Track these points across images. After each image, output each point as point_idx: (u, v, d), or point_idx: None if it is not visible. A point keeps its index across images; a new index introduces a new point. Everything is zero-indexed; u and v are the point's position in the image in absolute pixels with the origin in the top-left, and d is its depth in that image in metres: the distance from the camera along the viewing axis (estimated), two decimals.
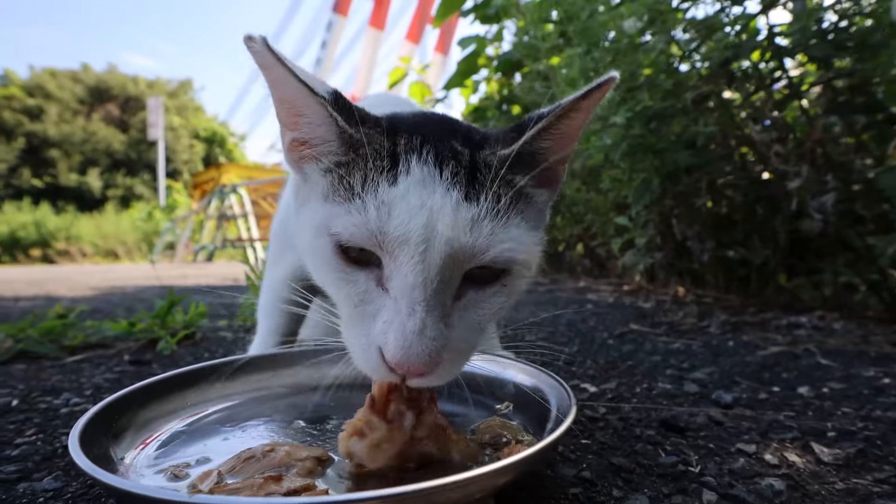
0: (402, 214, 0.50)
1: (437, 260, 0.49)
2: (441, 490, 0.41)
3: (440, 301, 0.50)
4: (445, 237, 0.49)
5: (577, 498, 0.60)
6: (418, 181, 0.51)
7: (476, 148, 0.57)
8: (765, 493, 0.61)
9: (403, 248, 0.49)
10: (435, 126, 0.59)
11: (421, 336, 0.48)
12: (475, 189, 0.52)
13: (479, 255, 0.51)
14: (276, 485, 0.46)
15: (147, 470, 0.53)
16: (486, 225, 0.51)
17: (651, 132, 1.83)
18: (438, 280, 0.49)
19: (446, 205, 0.50)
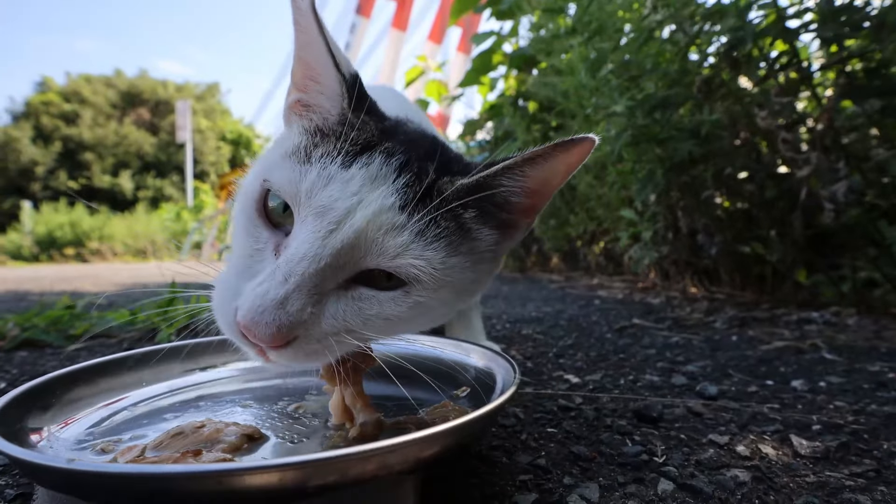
0: (335, 192, 0.50)
1: (336, 244, 0.48)
2: (349, 458, 0.39)
3: (318, 282, 0.48)
4: (357, 225, 0.49)
5: (526, 485, 0.57)
6: (369, 176, 0.51)
7: (442, 173, 0.55)
8: (727, 484, 0.57)
9: (317, 219, 0.49)
10: (425, 145, 0.58)
11: (278, 307, 0.46)
12: (415, 206, 0.52)
13: (380, 257, 0.50)
14: (194, 459, 0.45)
15: (75, 444, 0.52)
16: (405, 236, 0.50)
17: (655, 121, 1.77)
18: (328, 262, 0.48)
19: (378, 202, 0.50)
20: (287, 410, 0.64)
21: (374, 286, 0.52)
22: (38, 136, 20.87)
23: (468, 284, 0.57)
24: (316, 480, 0.39)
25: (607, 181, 2.55)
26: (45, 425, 0.55)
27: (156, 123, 23.04)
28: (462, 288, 0.56)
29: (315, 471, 0.38)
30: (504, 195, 0.56)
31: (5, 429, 0.45)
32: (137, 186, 21.55)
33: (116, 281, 4.61)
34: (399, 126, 0.60)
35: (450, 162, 0.58)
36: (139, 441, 0.53)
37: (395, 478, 0.44)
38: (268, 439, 0.55)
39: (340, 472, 0.40)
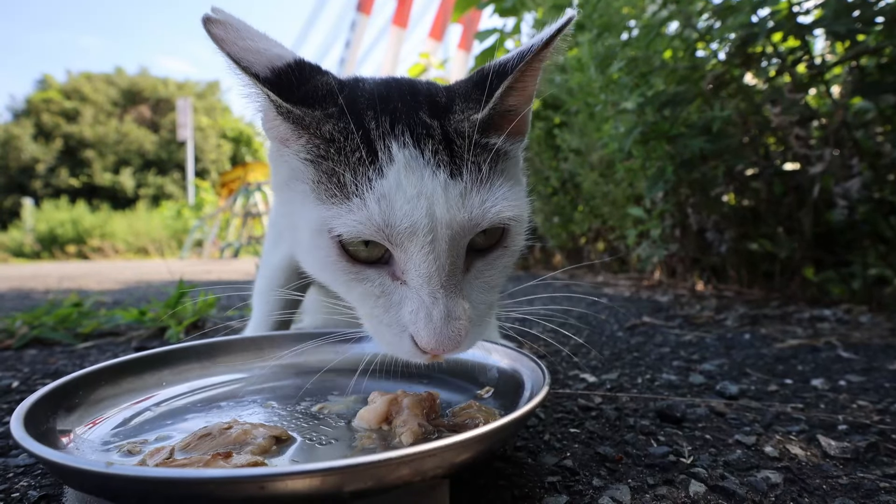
0: (404, 206, 0.50)
1: (444, 246, 0.51)
2: (387, 464, 0.38)
3: (455, 280, 0.52)
4: (445, 221, 0.50)
5: (555, 486, 0.57)
6: (404, 167, 0.51)
7: (444, 114, 0.55)
8: (759, 486, 0.56)
9: (412, 239, 0.50)
10: (400, 97, 0.57)
11: (448, 321, 0.50)
12: (456, 163, 0.52)
13: (476, 226, 0.52)
14: (224, 461, 0.45)
15: (101, 446, 0.52)
16: (474, 196, 0.52)
17: (664, 118, 1.76)
18: (450, 263, 0.51)
19: (437, 188, 0.51)
20: (311, 411, 0.63)
21: (482, 253, 0.56)
22: (39, 133, 20.85)
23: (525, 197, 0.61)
24: (354, 485, 0.38)
25: (614, 179, 2.54)
26: (72, 426, 0.54)
27: (157, 121, 23.02)
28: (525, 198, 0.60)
29: (354, 475, 0.37)
30: (511, 107, 0.57)
31: (34, 430, 0.45)
32: (138, 184, 21.54)
33: (120, 279, 4.60)
34: (360, 92, 0.57)
35: (433, 98, 0.57)
36: (165, 442, 0.53)
37: (430, 482, 0.43)
38: (295, 441, 0.54)
39: (378, 477, 0.39)
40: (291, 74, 0.54)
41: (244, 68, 0.51)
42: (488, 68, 0.56)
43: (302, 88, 0.54)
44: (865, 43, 1.53)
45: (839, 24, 1.43)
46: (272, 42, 0.57)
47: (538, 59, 0.54)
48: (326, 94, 0.55)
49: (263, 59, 0.53)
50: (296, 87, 0.54)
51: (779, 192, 1.88)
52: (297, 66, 0.55)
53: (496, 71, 0.55)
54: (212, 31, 0.51)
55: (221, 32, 0.52)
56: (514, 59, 0.54)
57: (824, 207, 1.76)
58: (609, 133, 2.03)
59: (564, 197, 3.31)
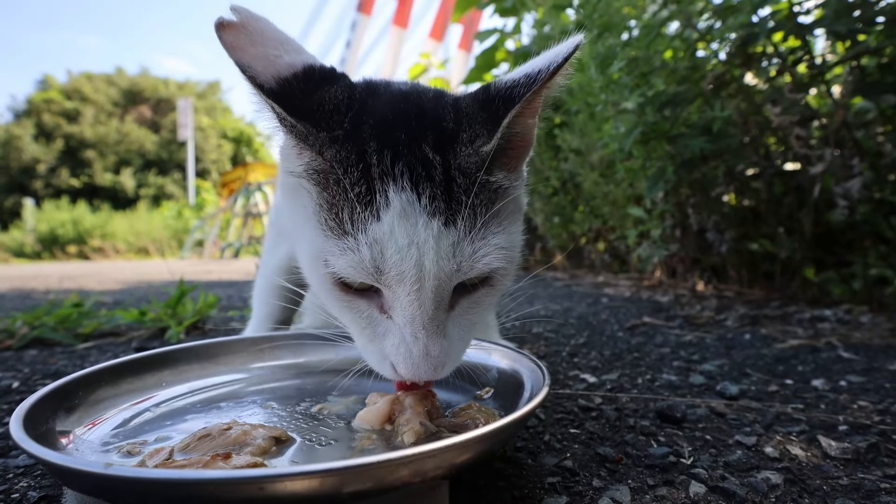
0: (394, 255, 0.51)
1: (429, 294, 0.52)
2: (386, 465, 0.38)
3: (437, 320, 0.54)
4: (433, 273, 0.51)
5: (555, 487, 0.57)
6: (399, 214, 0.51)
7: (450, 146, 0.54)
8: (759, 486, 0.56)
9: (400, 285, 0.52)
10: (404, 123, 0.54)
11: (426, 357, 0.53)
12: (452, 209, 0.52)
13: (464, 275, 0.53)
14: (224, 462, 0.44)
15: (100, 447, 0.52)
16: (466, 246, 0.53)
17: (665, 118, 1.76)
18: (433, 307, 0.53)
19: (429, 238, 0.51)
20: (311, 412, 0.63)
21: (467, 292, 0.57)
22: (40, 133, 20.88)
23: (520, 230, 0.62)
24: (353, 486, 0.38)
25: (614, 179, 2.54)
26: (71, 427, 0.54)
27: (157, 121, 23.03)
28: (519, 236, 0.61)
29: (354, 477, 0.37)
30: (517, 134, 0.57)
31: (34, 431, 0.45)
32: (139, 184, 21.56)
33: (121, 279, 4.61)
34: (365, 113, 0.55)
35: (440, 123, 0.55)
36: (164, 443, 0.53)
37: (430, 483, 0.43)
38: (294, 442, 0.54)
39: (377, 478, 0.39)
40: (296, 84, 0.52)
41: (250, 77, 0.50)
42: (495, 91, 0.54)
43: (307, 100, 0.53)
44: (866, 43, 1.53)
45: (840, 23, 1.43)
46: (291, 47, 0.54)
47: (548, 87, 0.53)
48: (333, 111, 0.53)
49: (272, 67, 0.52)
50: (300, 99, 0.52)
51: (779, 192, 1.88)
52: (305, 74, 0.53)
53: (503, 97, 0.53)
54: (223, 38, 0.50)
55: (233, 39, 0.51)
56: (521, 84, 0.52)
57: (825, 207, 1.76)
58: (609, 133, 2.03)
59: (565, 197, 3.30)
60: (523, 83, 0.52)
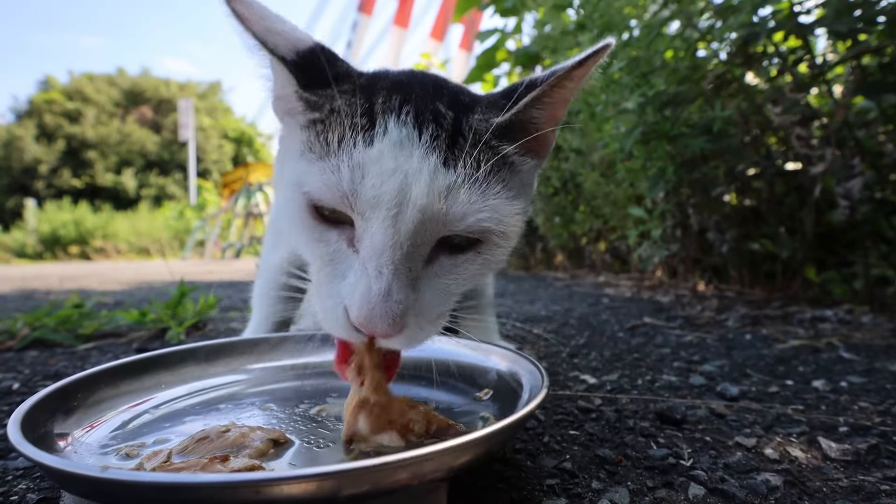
0: (375, 178, 0.48)
1: (408, 225, 0.48)
2: (384, 468, 0.38)
3: (409, 265, 0.49)
4: (419, 203, 0.48)
5: (554, 489, 0.57)
6: (395, 143, 0.49)
7: (463, 111, 0.54)
8: (759, 488, 0.56)
9: (375, 210, 0.48)
10: (420, 85, 0.56)
11: (386, 299, 0.47)
12: (454, 155, 0.50)
13: (454, 223, 0.50)
14: (222, 465, 0.44)
15: (99, 449, 0.52)
16: (462, 193, 0.49)
17: (665, 118, 1.76)
18: (409, 244, 0.48)
19: (423, 170, 0.48)
20: (309, 413, 0.63)
21: (450, 253, 0.53)
22: (42, 134, 20.92)
23: (523, 214, 0.57)
24: (350, 489, 0.38)
25: (615, 179, 2.54)
26: (70, 430, 0.54)
27: (158, 122, 23.06)
28: (520, 219, 0.57)
29: (351, 480, 0.37)
30: (534, 121, 0.55)
31: (32, 433, 0.45)
32: (140, 185, 21.59)
33: (122, 279, 4.61)
34: (381, 77, 0.57)
35: (457, 95, 0.56)
36: (163, 445, 0.53)
37: (428, 486, 0.43)
38: (293, 444, 0.54)
39: (375, 481, 0.39)
40: (320, 57, 0.54)
41: (270, 48, 0.52)
42: (520, 82, 0.55)
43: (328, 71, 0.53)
44: (867, 42, 1.53)
45: (840, 23, 1.42)
46: (290, 25, 0.56)
47: (569, 79, 0.52)
48: (345, 76, 0.55)
49: (286, 41, 0.53)
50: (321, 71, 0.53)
51: (780, 192, 1.87)
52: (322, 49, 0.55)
53: (527, 84, 0.54)
54: (236, 9, 0.51)
55: (245, 11, 0.51)
56: (546, 74, 0.53)
57: (826, 207, 1.75)
58: (610, 133, 2.02)
59: (565, 197, 3.30)
60: (548, 73, 0.53)
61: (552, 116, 0.56)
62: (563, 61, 0.54)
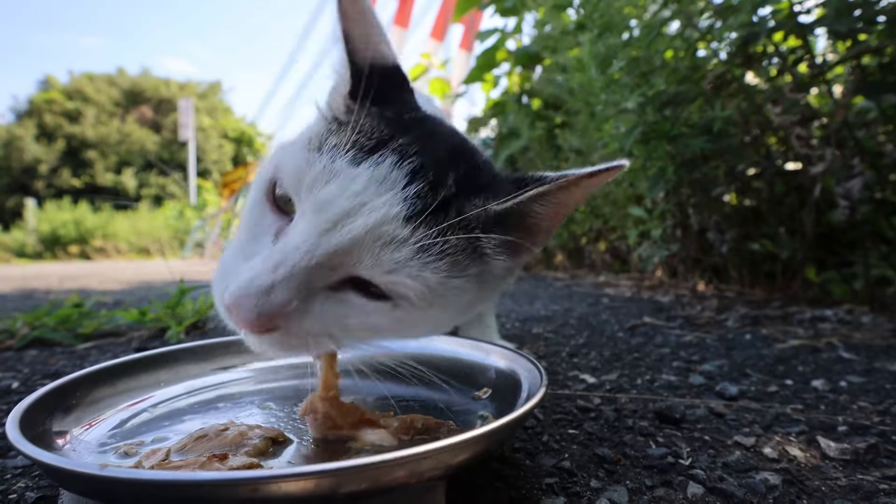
0: (337, 189, 0.47)
1: (331, 245, 0.46)
2: (382, 466, 0.38)
3: (307, 279, 0.47)
4: (355, 232, 0.46)
5: (552, 488, 0.57)
6: (378, 177, 0.48)
7: (467, 192, 0.51)
8: (757, 487, 0.56)
9: (315, 214, 0.46)
10: (449, 148, 0.54)
11: (264, 293, 0.45)
12: (424, 219, 0.47)
13: (375, 273, 0.47)
14: (220, 463, 0.44)
15: (97, 447, 0.52)
16: (404, 251, 0.46)
17: (665, 118, 1.76)
18: (318, 262, 0.46)
19: (381, 211, 0.46)
20: None
21: (364, 293, 0.49)
22: (42, 134, 20.92)
23: (469, 305, 0.54)
24: (348, 487, 0.38)
25: (615, 179, 2.54)
26: (68, 428, 0.54)
27: (158, 122, 23.06)
28: (460, 307, 0.53)
29: (349, 478, 0.37)
30: (533, 216, 0.52)
31: (30, 432, 0.45)
32: (140, 184, 21.60)
33: (122, 279, 4.61)
34: (424, 121, 0.55)
35: (476, 172, 0.54)
36: (161, 444, 0.53)
37: (426, 484, 0.43)
38: (291, 442, 0.54)
39: (373, 479, 0.39)
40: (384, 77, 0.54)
41: (350, 50, 0.53)
42: (530, 177, 0.53)
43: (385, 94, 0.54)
44: (867, 42, 1.53)
45: (840, 23, 1.42)
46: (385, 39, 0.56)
47: (578, 185, 0.50)
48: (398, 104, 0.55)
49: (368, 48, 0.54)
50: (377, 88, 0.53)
51: (780, 191, 1.87)
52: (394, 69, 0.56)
53: (536, 178, 0.52)
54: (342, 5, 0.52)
55: (350, 6, 0.52)
56: (557, 175, 0.51)
57: (826, 207, 1.75)
58: (610, 133, 2.02)
59: None
60: (557, 176, 0.51)
61: (550, 216, 0.53)
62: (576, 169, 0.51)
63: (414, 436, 0.54)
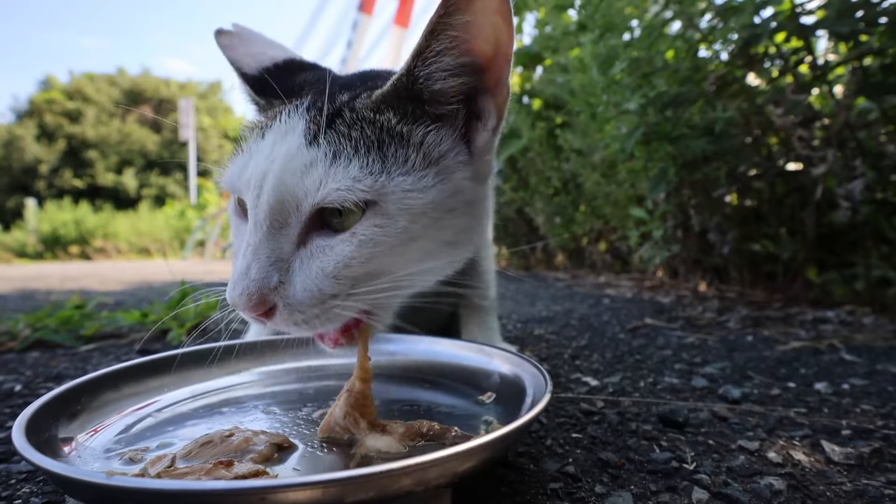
0: (253, 164, 0.53)
1: (264, 205, 0.50)
2: (388, 475, 0.38)
3: (272, 245, 0.51)
4: (272, 183, 0.50)
5: (557, 493, 0.57)
6: (280, 133, 0.53)
7: (360, 94, 0.57)
8: (762, 492, 0.56)
9: (247, 194, 0.52)
10: (345, 81, 0.62)
11: (244, 277, 0.50)
12: (327, 135, 0.52)
13: (310, 196, 0.50)
14: (226, 470, 0.44)
15: (103, 454, 0.52)
16: (319, 168, 0.50)
17: (666, 119, 1.76)
18: (268, 224, 0.51)
19: (284, 152, 0.52)
20: (312, 417, 0.63)
21: (326, 234, 0.52)
22: (42, 134, 20.92)
23: (448, 202, 0.55)
24: (355, 496, 0.38)
25: (616, 179, 2.54)
26: (74, 434, 0.54)
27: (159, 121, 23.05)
28: (442, 207, 0.54)
29: (356, 487, 0.37)
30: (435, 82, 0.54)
31: (36, 438, 0.45)
32: (141, 184, 21.59)
33: (123, 279, 4.61)
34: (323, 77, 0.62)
35: (374, 80, 0.60)
36: (167, 450, 0.53)
37: (433, 492, 0.43)
38: (296, 448, 0.54)
39: (380, 487, 0.39)
40: (275, 71, 0.63)
41: (237, 69, 0.64)
42: None
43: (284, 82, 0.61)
44: (868, 43, 1.53)
45: (842, 24, 1.42)
46: (280, 48, 0.68)
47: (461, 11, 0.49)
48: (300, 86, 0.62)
49: (255, 61, 0.64)
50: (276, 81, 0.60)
51: (781, 192, 1.87)
52: (285, 64, 0.66)
53: None
54: (220, 41, 0.65)
55: (227, 41, 0.65)
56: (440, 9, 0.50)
57: (827, 208, 1.75)
58: (611, 134, 2.02)
59: (566, 197, 3.30)
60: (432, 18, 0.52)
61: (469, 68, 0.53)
62: None
63: (419, 442, 0.54)
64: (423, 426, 0.55)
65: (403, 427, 0.54)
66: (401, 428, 0.54)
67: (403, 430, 0.54)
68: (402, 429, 0.54)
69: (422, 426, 0.55)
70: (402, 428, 0.54)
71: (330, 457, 0.53)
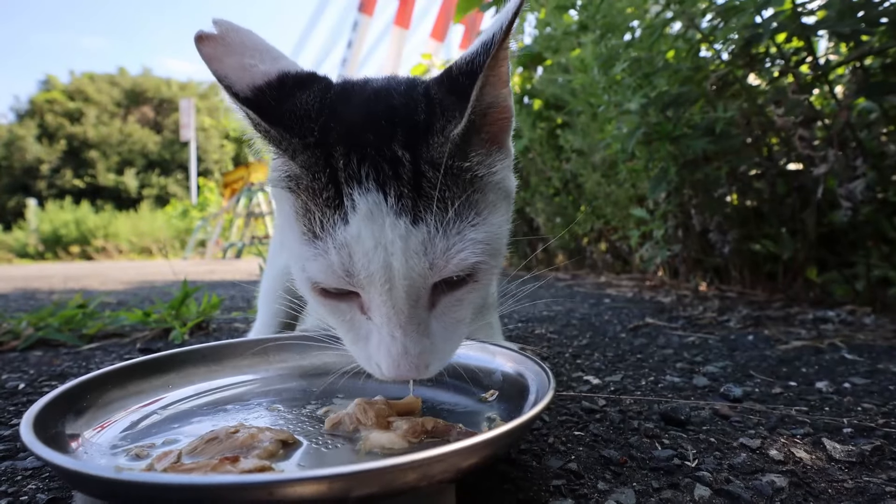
0: (362, 257, 0.51)
1: (401, 293, 0.52)
2: (394, 470, 0.39)
3: (416, 320, 0.54)
4: (402, 272, 0.51)
5: (560, 490, 0.57)
6: (366, 216, 0.51)
7: (421, 141, 0.53)
8: (764, 489, 0.56)
9: (371, 287, 0.52)
10: (373, 123, 0.54)
11: (405, 356, 0.53)
12: (421, 206, 0.51)
13: (439, 272, 0.52)
14: (232, 465, 0.45)
15: (109, 450, 0.52)
16: (438, 243, 0.51)
17: (667, 119, 1.76)
18: (409, 307, 0.53)
19: (396, 238, 0.50)
20: (316, 414, 0.64)
21: (449, 290, 0.56)
22: (43, 134, 20.95)
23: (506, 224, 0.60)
24: (360, 490, 0.38)
25: (617, 179, 2.54)
26: (80, 430, 0.54)
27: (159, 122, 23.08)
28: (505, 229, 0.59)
29: (362, 481, 0.38)
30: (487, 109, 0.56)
31: (43, 434, 0.45)
32: (142, 185, 21.62)
33: (124, 279, 4.62)
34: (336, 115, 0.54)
35: (412, 117, 0.54)
36: (172, 446, 0.53)
37: (437, 487, 0.43)
38: (301, 445, 0.54)
39: (385, 482, 0.39)
40: (269, 92, 0.54)
41: (226, 87, 0.53)
42: (457, 70, 0.53)
43: (280, 107, 0.54)
44: (870, 43, 1.53)
45: (843, 24, 1.43)
46: (269, 55, 0.56)
47: (503, 49, 0.50)
48: (304, 117, 0.54)
49: (248, 76, 0.54)
50: (273, 106, 0.53)
51: (782, 192, 1.88)
52: (279, 82, 0.55)
53: (465, 72, 0.52)
54: (202, 50, 0.53)
55: (211, 50, 0.53)
56: (479, 53, 0.51)
57: (828, 208, 1.75)
58: (612, 134, 2.03)
59: (567, 197, 3.31)
60: (481, 52, 0.51)
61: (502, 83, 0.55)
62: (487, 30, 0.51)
63: (423, 438, 0.54)
64: (427, 423, 0.55)
65: (407, 424, 0.55)
66: (405, 424, 0.55)
67: (407, 427, 0.54)
68: (406, 425, 0.55)
69: (426, 423, 0.55)
70: (406, 424, 0.55)
71: (334, 453, 0.53)
